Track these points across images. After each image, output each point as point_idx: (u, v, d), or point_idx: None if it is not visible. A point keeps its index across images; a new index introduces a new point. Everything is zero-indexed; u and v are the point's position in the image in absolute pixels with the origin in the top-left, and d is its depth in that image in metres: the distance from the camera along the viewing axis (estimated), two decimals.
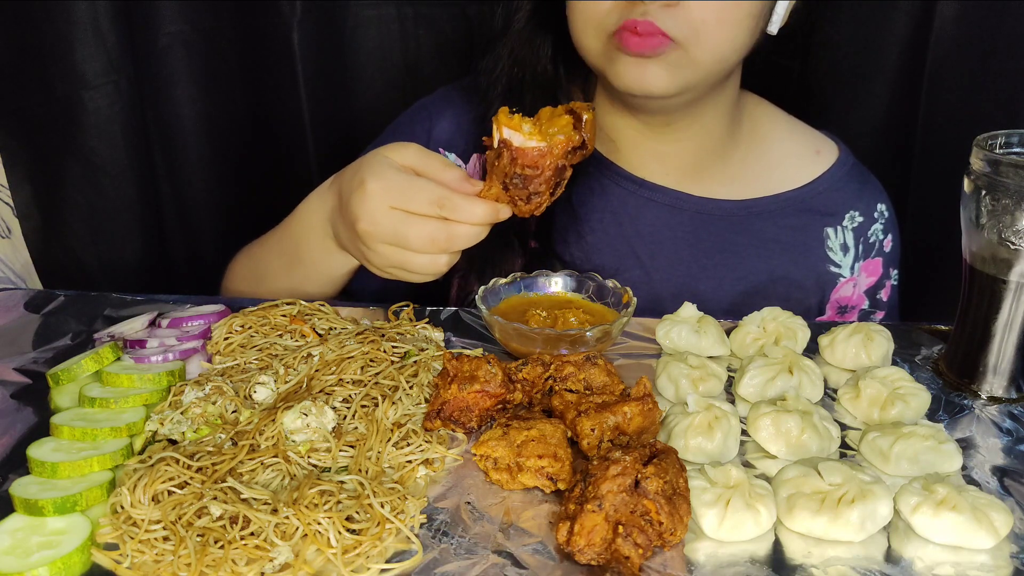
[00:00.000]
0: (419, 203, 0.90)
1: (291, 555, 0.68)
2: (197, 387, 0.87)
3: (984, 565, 0.70)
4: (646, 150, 1.22)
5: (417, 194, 0.91)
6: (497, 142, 0.90)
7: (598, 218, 1.22)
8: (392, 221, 0.91)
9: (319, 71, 1.47)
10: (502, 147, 0.89)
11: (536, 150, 0.88)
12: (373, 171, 0.92)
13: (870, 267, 1.29)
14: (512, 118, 0.89)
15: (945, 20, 1.35)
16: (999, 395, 0.93)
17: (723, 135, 1.23)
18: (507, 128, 0.89)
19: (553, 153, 0.89)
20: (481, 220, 0.91)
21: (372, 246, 0.94)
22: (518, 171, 0.89)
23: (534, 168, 0.89)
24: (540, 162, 0.89)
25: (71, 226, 1.38)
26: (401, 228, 0.91)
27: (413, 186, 0.91)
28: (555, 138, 0.89)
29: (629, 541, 0.68)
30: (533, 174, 0.89)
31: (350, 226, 0.95)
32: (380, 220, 0.92)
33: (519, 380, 0.88)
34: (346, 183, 0.97)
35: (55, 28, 1.25)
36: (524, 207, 0.91)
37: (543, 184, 0.90)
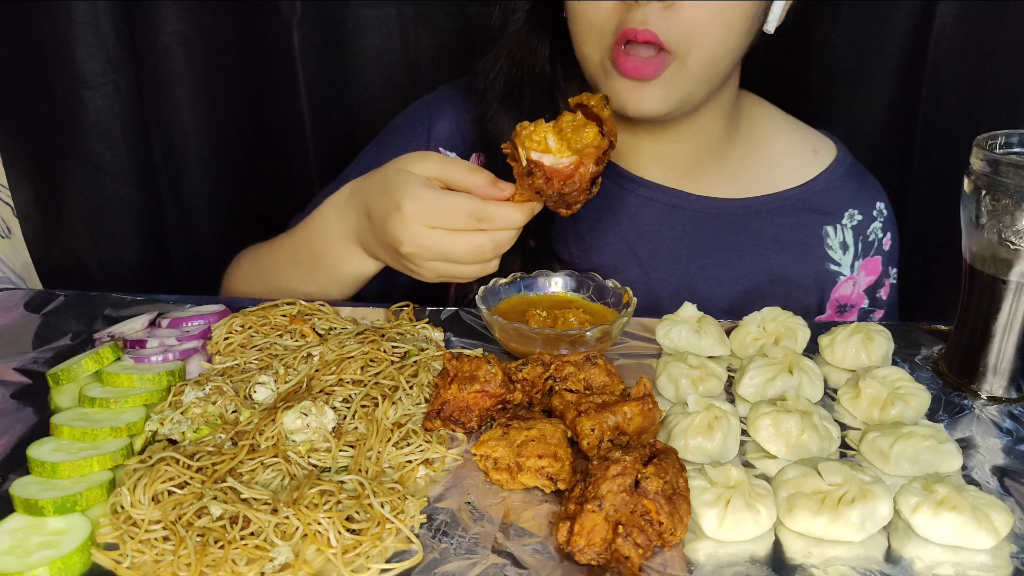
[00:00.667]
0: (458, 220, 0.93)
1: (291, 555, 0.68)
2: (197, 387, 0.87)
3: (984, 565, 0.70)
4: (644, 150, 1.22)
5: (455, 211, 0.93)
6: (526, 162, 0.91)
7: (597, 217, 1.22)
8: (436, 241, 0.94)
9: (319, 71, 1.47)
10: (532, 167, 0.90)
11: (570, 166, 0.90)
12: (406, 192, 0.94)
13: (869, 266, 1.29)
14: (533, 133, 0.90)
15: (945, 20, 1.35)
16: (999, 395, 0.93)
17: (721, 135, 1.23)
18: (535, 151, 0.90)
19: (585, 164, 0.90)
20: (519, 224, 0.94)
21: (418, 263, 0.97)
22: (556, 190, 0.91)
23: (571, 182, 0.90)
24: (575, 175, 0.90)
25: (71, 226, 1.38)
26: (447, 246, 0.94)
27: (449, 204, 0.93)
28: (586, 150, 0.90)
29: (629, 541, 0.68)
30: (572, 188, 0.91)
31: (391, 249, 0.98)
32: (423, 242, 0.94)
33: (519, 380, 0.88)
34: (375, 204, 0.99)
35: (55, 28, 1.25)
36: (564, 213, 0.94)
37: (582, 193, 0.92)
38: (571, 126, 0.91)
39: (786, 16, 1.12)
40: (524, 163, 0.91)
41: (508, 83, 1.18)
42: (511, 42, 1.18)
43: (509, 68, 1.18)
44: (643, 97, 1.05)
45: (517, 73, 1.18)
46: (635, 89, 1.05)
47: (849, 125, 1.42)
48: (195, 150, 1.46)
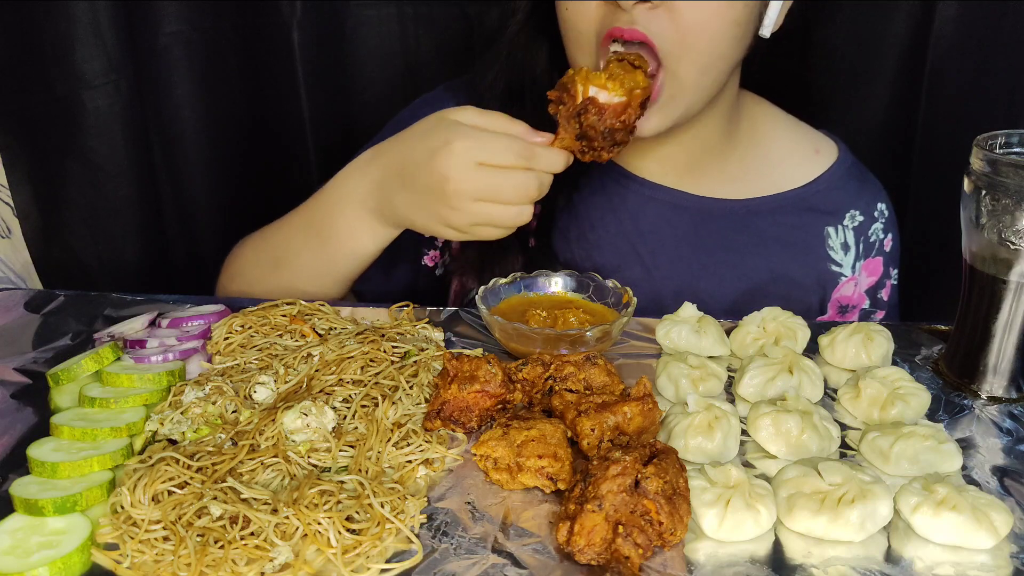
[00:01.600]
0: (507, 157, 0.95)
1: (291, 555, 0.68)
2: (197, 387, 0.87)
3: (984, 565, 0.70)
4: (645, 150, 1.22)
5: (504, 149, 0.95)
6: (581, 99, 0.96)
7: (599, 216, 1.22)
8: (483, 176, 0.95)
9: (319, 71, 1.47)
10: (588, 104, 0.96)
11: (620, 105, 0.96)
12: (456, 131, 0.96)
13: (871, 266, 1.29)
14: (590, 73, 0.96)
15: (945, 20, 1.35)
16: (999, 395, 0.93)
17: (721, 135, 1.23)
18: (593, 86, 0.96)
19: (633, 105, 0.96)
20: (560, 168, 0.97)
21: (460, 204, 0.96)
22: (607, 126, 0.96)
23: (620, 119, 0.97)
24: (625, 114, 0.97)
25: (71, 226, 1.38)
26: (494, 182, 0.95)
27: (498, 142, 0.95)
28: (634, 92, 0.96)
29: (629, 541, 0.68)
30: (620, 126, 0.97)
31: (433, 189, 0.97)
32: (471, 176, 0.95)
33: (519, 380, 0.88)
34: (416, 148, 0.99)
35: (55, 28, 1.25)
36: (606, 155, 0.99)
37: (627, 135, 0.98)
38: (620, 69, 0.97)
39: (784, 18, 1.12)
40: (579, 100, 0.96)
41: (508, 87, 1.18)
42: (510, 45, 1.18)
43: (509, 71, 1.18)
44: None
45: (517, 78, 1.18)
46: None
47: (849, 125, 1.42)
48: (195, 150, 1.46)
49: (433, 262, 1.28)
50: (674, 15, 1.00)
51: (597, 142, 0.97)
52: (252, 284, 1.20)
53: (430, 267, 1.28)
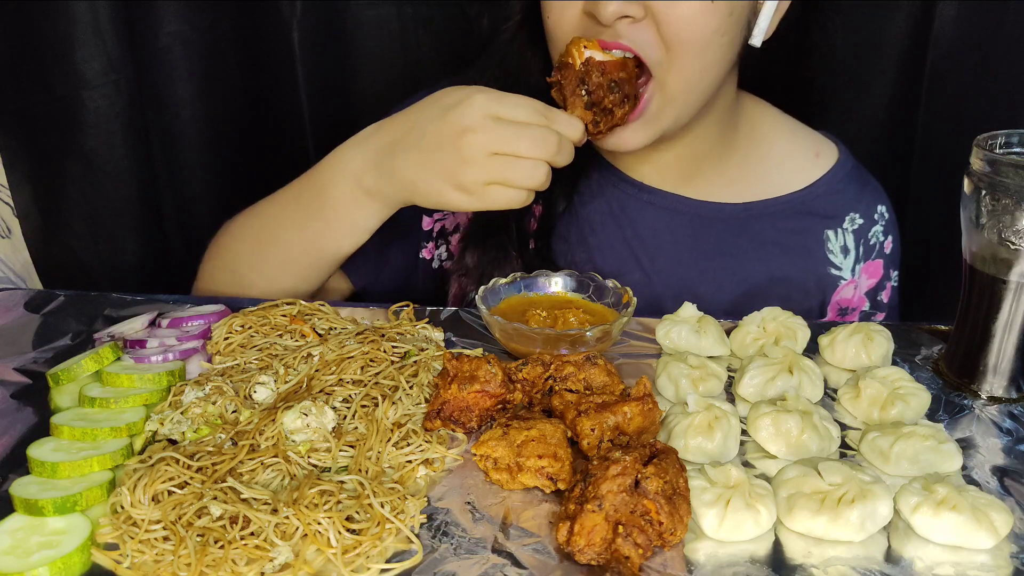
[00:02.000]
0: (526, 111, 0.95)
1: (291, 555, 0.68)
2: (197, 387, 0.87)
3: (984, 565, 0.70)
4: (643, 155, 1.21)
5: (523, 104, 0.95)
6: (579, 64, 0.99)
7: (599, 220, 1.22)
8: (501, 128, 0.94)
9: (319, 71, 1.47)
10: (588, 66, 0.98)
11: (619, 60, 1.00)
12: (474, 88, 0.96)
13: (871, 269, 1.29)
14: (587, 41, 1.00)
15: (945, 20, 1.35)
16: (999, 395, 0.93)
17: (719, 139, 1.22)
18: (588, 49, 0.99)
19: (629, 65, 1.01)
20: (577, 134, 0.97)
21: (475, 157, 0.94)
22: (613, 77, 0.99)
23: (625, 71, 1.00)
24: (626, 68, 1.00)
25: (71, 226, 1.38)
26: (512, 132, 0.94)
27: (517, 99, 0.96)
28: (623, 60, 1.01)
29: (629, 541, 0.68)
30: (627, 77, 1.00)
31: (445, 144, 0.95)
32: (490, 127, 0.93)
33: (519, 380, 0.88)
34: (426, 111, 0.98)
35: (55, 28, 1.25)
36: (619, 112, 1.00)
37: (633, 88, 1.01)
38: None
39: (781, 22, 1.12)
40: (579, 65, 0.98)
41: None
42: (502, 52, 1.18)
43: (503, 78, 1.17)
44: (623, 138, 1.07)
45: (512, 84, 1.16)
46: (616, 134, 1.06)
47: (849, 125, 1.42)
48: (195, 150, 1.46)
49: (430, 255, 1.28)
50: (658, 27, 1.00)
51: (608, 98, 0.99)
52: (236, 261, 1.17)
53: (427, 260, 1.28)
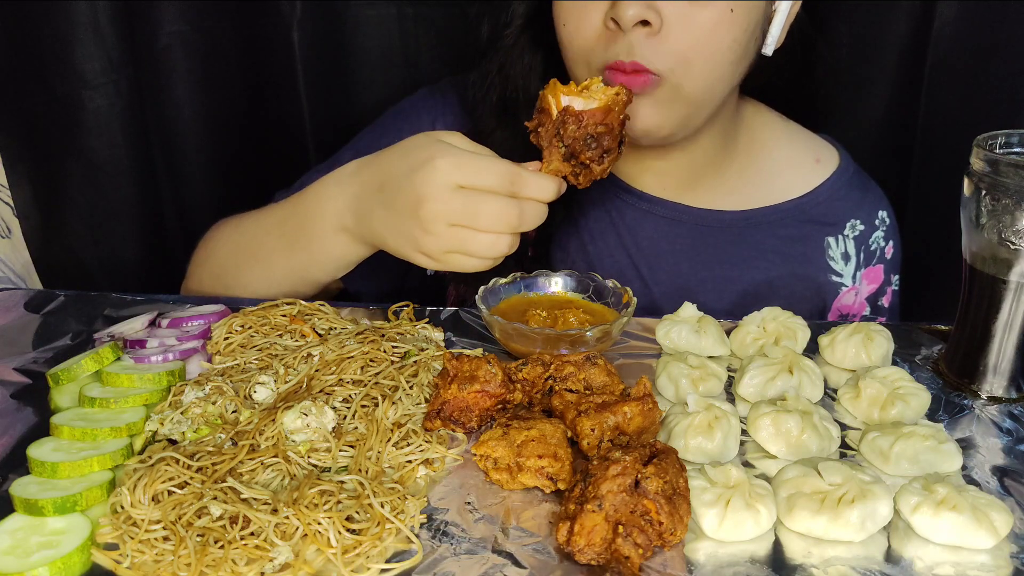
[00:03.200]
0: (490, 178, 0.88)
1: (291, 555, 0.68)
2: (197, 387, 0.87)
3: (984, 565, 0.70)
4: (643, 165, 1.21)
5: (488, 170, 0.88)
6: (556, 112, 0.91)
7: (599, 228, 1.22)
8: (461, 199, 0.88)
9: (319, 71, 1.47)
10: (565, 115, 0.90)
11: (601, 109, 0.90)
12: (441, 149, 0.90)
13: (871, 275, 1.29)
14: (568, 85, 0.92)
15: (945, 20, 1.35)
16: (999, 395, 0.93)
17: (719, 147, 1.22)
18: (565, 95, 0.90)
19: (615, 109, 0.91)
20: (550, 195, 0.90)
21: (433, 228, 0.90)
22: (590, 131, 0.90)
23: (605, 125, 0.91)
24: (608, 118, 0.90)
25: (71, 226, 1.38)
26: (471, 205, 0.88)
27: (483, 162, 0.89)
28: (612, 97, 0.92)
29: (629, 541, 0.68)
30: (605, 130, 0.91)
31: (407, 209, 0.91)
32: (448, 198, 0.88)
33: (519, 380, 0.88)
34: (397, 165, 0.93)
35: (55, 28, 1.25)
36: (597, 169, 0.92)
37: (614, 140, 0.92)
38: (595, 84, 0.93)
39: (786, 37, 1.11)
40: (555, 114, 0.91)
41: (503, 102, 1.16)
42: (502, 58, 1.16)
43: (502, 84, 1.16)
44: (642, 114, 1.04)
45: (512, 92, 1.16)
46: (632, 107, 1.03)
47: (849, 125, 1.42)
48: (195, 150, 1.46)
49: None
50: (674, 41, 0.99)
51: (584, 154, 0.91)
52: (223, 271, 1.17)
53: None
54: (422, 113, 1.24)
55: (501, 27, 1.15)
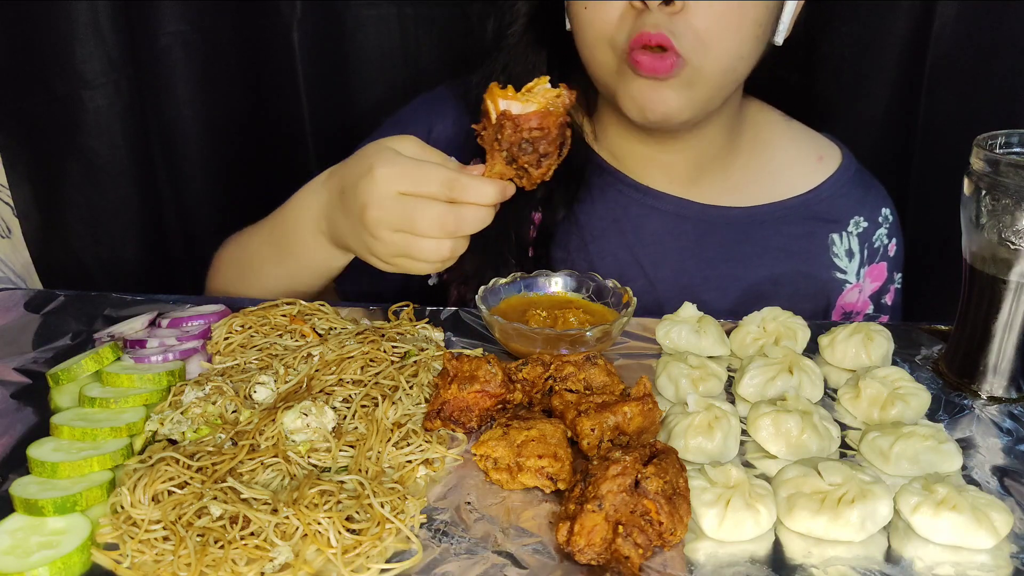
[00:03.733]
0: (429, 185, 0.90)
1: (291, 555, 0.68)
2: (197, 387, 0.87)
3: (984, 565, 0.70)
4: (648, 158, 1.21)
5: (426, 177, 0.90)
6: (495, 117, 0.90)
7: (600, 227, 1.22)
8: (401, 205, 0.90)
9: (319, 71, 1.47)
10: (502, 119, 0.90)
11: (537, 112, 0.90)
12: (381, 158, 0.92)
13: (875, 272, 1.29)
14: (506, 89, 0.91)
15: (945, 20, 1.35)
16: (999, 395, 0.93)
17: (724, 143, 1.22)
18: (503, 100, 0.90)
19: (554, 112, 0.90)
20: (490, 199, 0.90)
21: (378, 234, 0.92)
22: (526, 136, 0.90)
23: (541, 129, 0.90)
24: (545, 122, 0.90)
25: (71, 226, 1.38)
26: (409, 212, 0.90)
27: (422, 169, 0.91)
28: (553, 100, 0.90)
29: (629, 541, 0.68)
30: (541, 135, 0.90)
31: (356, 216, 0.94)
32: (389, 205, 0.90)
33: (519, 380, 0.88)
34: (350, 173, 0.96)
35: (55, 28, 1.25)
36: (535, 172, 0.92)
37: (551, 144, 0.91)
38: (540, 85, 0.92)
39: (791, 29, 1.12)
40: (494, 119, 0.91)
41: None
42: (507, 56, 1.17)
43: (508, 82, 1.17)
44: (663, 97, 1.04)
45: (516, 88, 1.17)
46: (654, 89, 1.04)
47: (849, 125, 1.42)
48: (195, 150, 1.46)
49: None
50: (697, 20, 1.00)
51: (522, 158, 0.91)
52: (229, 284, 1.20)
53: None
54: (419, 122, 1.24)
55: (505, 26, 1.16)
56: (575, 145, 1.20)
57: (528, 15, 1.16)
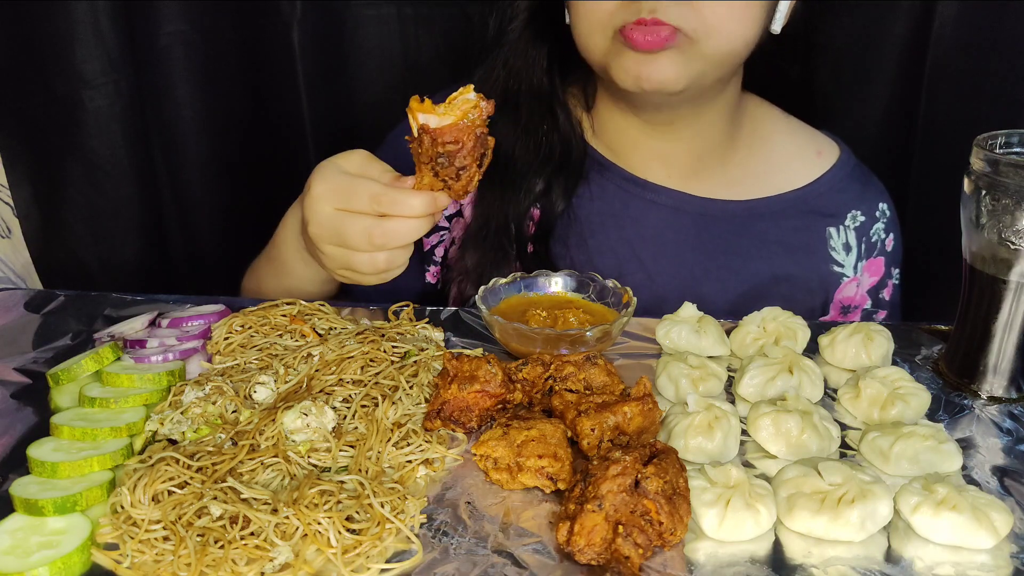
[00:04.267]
0: (357, 201, 0.92)
1: (291, 555, 0.68)
2: (197, 387, 0.87)
3: (984, 565, 0.70)
4: (648, 150, 1.22)
5: (355, 192, 0.92)
6: (416, 130, 0.91)
7: (599, 221, 1.22)
8: (333, 221, 0.94)
9: (319, 71, 1.47)
10: (421, 133, 0.91)
11: (452, 125, 0.90)
12: (319, 175, 0.95)
13: (872, 266, 1.29)
14: (424, 103, 0.91)
15: (945, 20, 1.35)
16: (999, 395, 0.93)
17: (724, 134, 1.22)
18: (421, 113, 0.91)
19: (470, 126, 0.91)
20: (419, 211, 0.92)
21: (322, 248, 0.96)
22: (440, 150, 0.91)
23: (455, 143, 0.91)
24: (459, 136, 0.91)
25: (71, 226, 1.38)
26: (340, 226, 0.93)
27: (352, 185, 0.93)
28: (470, 111, 0.91)
29: (629, 541, 0.68)
30: (455, 149, 0.91)
31: (304, 230, 0.98)
32: (325, 221, 0.94)
33: (519, 380, 0.88)
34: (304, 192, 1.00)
35: (55, 28, 1.25)
36: (456, 185, 0.93)
37: (467, 157, 0.92)
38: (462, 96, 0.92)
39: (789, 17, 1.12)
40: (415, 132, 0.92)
41: (505, 93, 1.18)
42: (508, 52, 1.18)
43: (506, 79, 1.18)
44: (658, 68, 1.03)
45: (514, 84, 1.18)
46: (649, 61, 1.03)
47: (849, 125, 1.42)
48: (195, 150, 1.46)
49: (435, 279, 1.28)
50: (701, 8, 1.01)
51: (441, 172, 0.92)
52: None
53: (432, 283, 1.29)
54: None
55: (506, 23, 1.17)
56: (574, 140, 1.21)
57: (528, 11, 1.16)
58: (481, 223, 1.20)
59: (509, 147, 1.18)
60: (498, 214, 1.19)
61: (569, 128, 1.21)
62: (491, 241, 1.18)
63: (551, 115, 1.19)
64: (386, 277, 0.98)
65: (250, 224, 1.38)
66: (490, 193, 1.19)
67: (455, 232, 1.26)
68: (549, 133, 1.19)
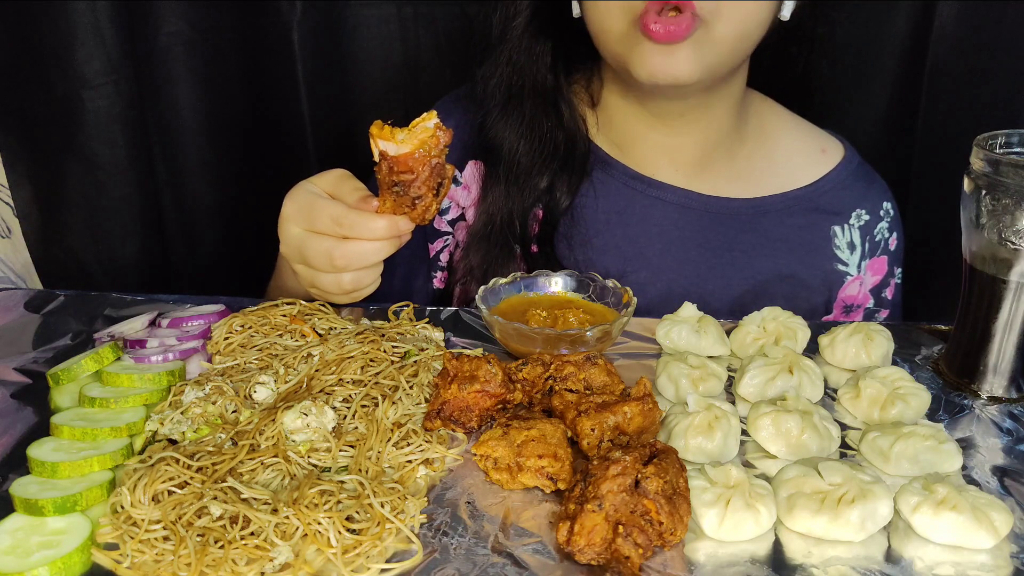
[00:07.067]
0: (319, 222, 0.94)
1: (291, 555, 0.68)
2: (197, 387, 0.87)
3: (984, 565, 0.70)
4: (654, 145, 1.21)
5: (318, 214, 0.94)
6: (377, 155, 0.92)
7: (604, 220, 1.22)
8: (299, 241, 0.96)
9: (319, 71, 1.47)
10: (381, 160, 0.92)
11: (408, 155, 0.91)
12: (289, 195, 0.97)
13: (876, 265, 1.29)
14: (384, 130, 0.92)
15: (945, 20, 1.35)
16: (999, 395, 0.93)
17: (730, 129, 1.22)
18: (381, 140, 0.91)
19: (425, 156, 0.91)
20: (380, 235, 0.93)
21: (292, 266, 0.99)
22: (395, 179, 0.92)
23: (409, 172, 0.91)
24: (414, 166, 0.91)
25: (71, 226, 1.38)
26: (303, 247, 0.96)
27: (315, 206, 0.94)
28: (425, 142, 0.91)
29: (629, 541, 0.68)
30: (409, 179, 0.92)
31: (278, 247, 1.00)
32: (291, 241, 0.96)
33: (519, 380, 0.88)
34: None
35: (55, 28, 1.25)
36: (412, 213, 0.94)
37: (422, 186, 0.92)
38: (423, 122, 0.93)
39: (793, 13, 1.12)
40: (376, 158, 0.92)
41: (509, 90, 1.18)
42: (512, 49, 1.17)
43: (510, 76, 1.18)
44: (676, 61, 1.02)
45: (518, 81, 1.17)
46: (667, 53, 1.02)
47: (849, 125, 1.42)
48: (195, 150, 1.46)
49: (442, 284, 1.29)
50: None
51: (398, 199, 0.93)
52: None
53: (440, 289, 1.29)
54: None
55: (509, 19, 1.17)
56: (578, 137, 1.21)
57: (532, 7, 1.16)
58: (485, 221, 1.20)
59: (513, 144, 1.18)
60: (502, 211, 1.19)
61: (573, 125, 1.20)
62: (495, 239, 1.18)
63: (555, 111, 1.19)
64: (355, 297, 1.00)
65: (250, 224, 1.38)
66: (494, 190, 1.19)
67: (459, 236, 1.26)
68: (553, 130, 1.19)
